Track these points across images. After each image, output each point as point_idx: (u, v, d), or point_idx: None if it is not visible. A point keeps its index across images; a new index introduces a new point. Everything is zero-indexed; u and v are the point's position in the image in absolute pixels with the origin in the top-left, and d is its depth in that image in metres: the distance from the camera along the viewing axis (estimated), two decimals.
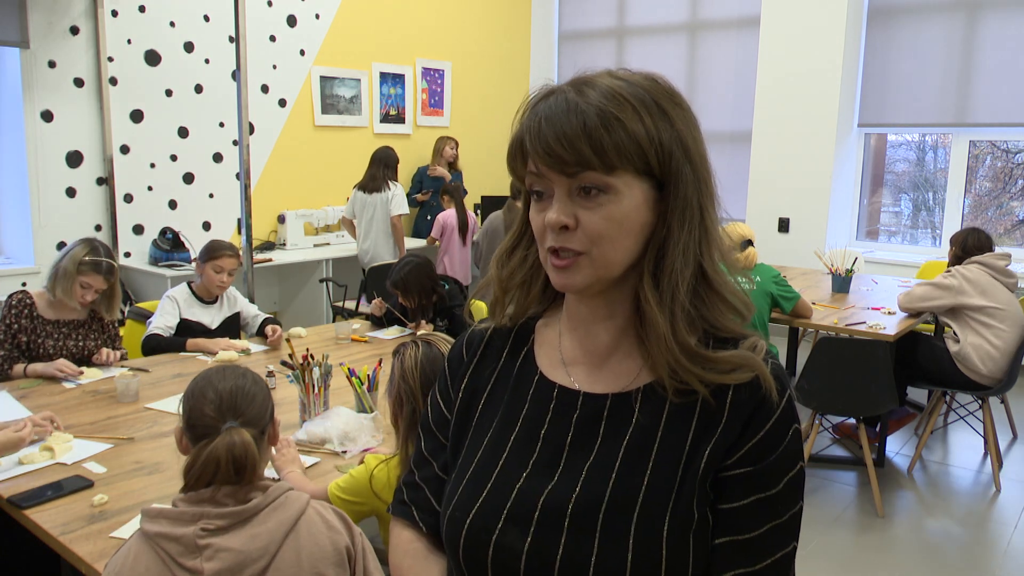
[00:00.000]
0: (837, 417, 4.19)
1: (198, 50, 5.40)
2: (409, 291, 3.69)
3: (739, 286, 0.93)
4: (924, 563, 3.14)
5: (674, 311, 0.87)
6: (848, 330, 3.79)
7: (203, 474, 1.44)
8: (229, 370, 1.58)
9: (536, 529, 0.89)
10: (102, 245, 3.10)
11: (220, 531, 1.42)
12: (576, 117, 0.83)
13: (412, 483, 1.06)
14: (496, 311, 1.03)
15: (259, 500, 1.46)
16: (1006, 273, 3.83)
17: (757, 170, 6.45)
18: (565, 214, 0.86)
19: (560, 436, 0.94)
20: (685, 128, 0.88)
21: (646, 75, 0.89)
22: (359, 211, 5.58)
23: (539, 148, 0.85)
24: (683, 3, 6.83)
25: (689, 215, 0.87)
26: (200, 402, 1.50)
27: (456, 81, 7.14)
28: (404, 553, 1.03)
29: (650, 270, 0.88)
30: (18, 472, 2.14)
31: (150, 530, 1.42)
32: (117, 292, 3.16)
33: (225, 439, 1.44)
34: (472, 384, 1.03)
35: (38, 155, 4.75)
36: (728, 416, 0.88)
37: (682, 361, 0.87)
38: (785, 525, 0.90)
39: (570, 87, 0.87)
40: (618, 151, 0.83)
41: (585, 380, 0.95)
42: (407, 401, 1.86)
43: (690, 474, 0.87)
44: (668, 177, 0.87)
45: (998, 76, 5.56)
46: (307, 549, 1.49)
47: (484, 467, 0.96)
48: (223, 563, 1.40)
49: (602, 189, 0.85)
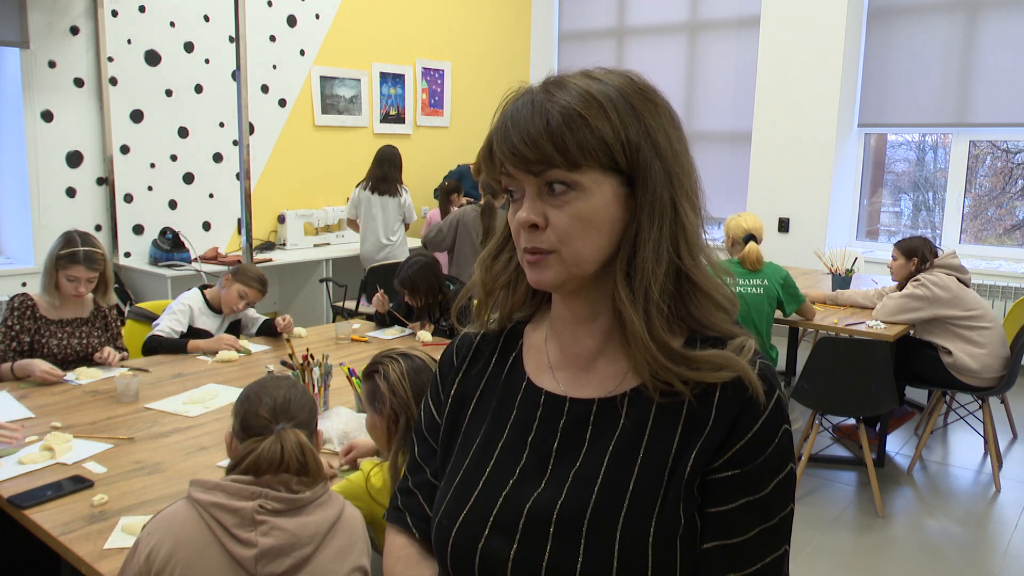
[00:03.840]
0: (837, 417, 4.19)
1: (198, 50, 5.40)
2: (417, 290, 3.69)
3: (727, 287, 0.92)
4: (924, 563, 3.14)
5: (648, 309, 0.86)
6: (848, 330, 3.79)
7: (260, 462, 1.53)
8: (282, 380, 1.71)
9: (521, 537, 0.89)
10: (80, 235, 3.05)
11: (276, 513, 1.50)
12: (540, 117, 0.83)
13: (406, 489, 1.06)
14: (481, 314, 1.03)
15: (310, 494, 1.55)
16: (962, 270, 3.85)
17: (757, 170, 6.45)
18: (534, 213, 0.86)
19: (547, 442, 0.93)
20: (655, 123, 0.87)
21: (620, 73, 0.89)
22: (364, 211, 5.48)
23: (505, 149, 0.86)
24: (683, 3, 6.83)
25: (660, 211, 0.86)
26: (255, 406, 1.62)
27: (456, 81, 7.14)
28: (397, 559, 1.03)
29: (623, 268, 0.88)
30: (18, 472, 2.14)
31: (204, 499, 1.49)
32: (109, 277, 3.13)
33: (288, 437, 1.55)
34: (461, 389, 1.03)
35: (38, 155, 4.76)
36: (715, 418, 0.87)
37: (660, 360, 0.86)
38: (775, 528, 0.88)
39: (540, 88, 0.87)
40: (581, 148, 0.83)
41: (571, 385, 0.95)
42: (401, 413, 1.87)
43: (676, 478, 0.86)
44: (636, 172, 0.86)
45: (998, 76, 5.56)
46: (348, 544, 1.59)
47: (471, 474, 0.95)
48: (276, 540, 1.48)
49: (569, 186, 0.85)
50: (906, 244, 3.99)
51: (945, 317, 3.75)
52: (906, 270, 3.96)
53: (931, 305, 3.75)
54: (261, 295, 3.51)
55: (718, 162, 6.69)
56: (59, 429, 2.44)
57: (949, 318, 3.75)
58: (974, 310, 3.75)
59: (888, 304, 3.85)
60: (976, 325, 3.74)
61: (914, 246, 3.96)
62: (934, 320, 3.79)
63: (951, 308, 3.73)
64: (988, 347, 3.73)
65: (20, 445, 2.31)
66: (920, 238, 4.01)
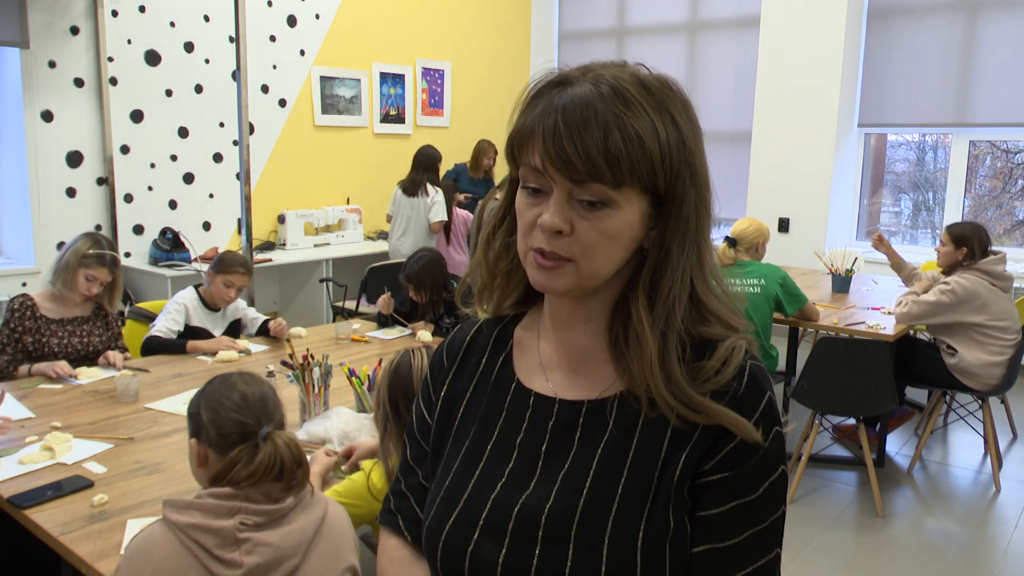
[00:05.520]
0: (837, 417, 4.18)
1: (198, 50, 5.40)
2: (422, 285, 3.69)
3: (729, 298, 0.91)
4: (924, 563, 3.14)
5: (667, 335, 0.86)
6: (848, 330, 3.78)
7: (256, 472, 1.44)
8: (245, 376, 1.57)
9: (510, 540, 0.88)
10: (104, 239, 3.17)
11: (258, 527, 1.43)
12: (598, 130, 0.80)
13: (398, 491, 1.06)
14: (484, 295, 1.01)
15: (292, 500, 1.48)
16: (1003, 278, 3.70)
17: (757, 170, 6.45)
18: (562, 219, 0.83)
19: (536, 444, 0.93)
20: (695, 146, 0.86)
21: (662, 79, 0.86)
22: (396, 209, 5.70)
23: (552, 151, 0.81)
24: (683, 3, 6.83)
25: (691, 239, 0.86)
26: (228, 410, 1.49)
27: (456, 81, 7.14)
28: (391, 560, 1.03)
29: (644, 291, 0.87)
30: (18, 472, 2.14)
31: (180, 520, 1.41)
32: (119, 283, 3.22)
33: (279, 440, 1.47)
34: (451, 391, 1.02)
35: (38, 155, 4.75)
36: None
37: (661, 389, 0.85)
38: (767, 531, 0.87)
39: (591, 86, 0.82)
40: (632, 170, 0.81)
41: (562, 385, 0.94)
42: (389, 411, 1.88)
43: (665, 481, 0.86)
44: (672, 198, 0.85)
45: (998, 76, 5.55)
46: (335, 545, 1.53)
47: (461, 477, 0.95)
48: (262, 557, 1.42)
49: (605, 202, 0.83)
50: (958, 230, 3.74)
51: (967, 323, 3.66)
52: (952, 258, 3.73)
53: (953, 310, 3.64)
54: (247, 277, 3.48)
55: (718, 162, 6.68)
56: (59, 429, 2.44)
57: (971, 324, 3.65)
58: (1002, 320, 3.64)
59: (913, 310, 3.69)
60: (999, 336, 3.64)
61: (966, 235, 3.70)
62: (955, 323, 3.70)
63: (976, 315, 3.63)
64: (1002, 356, 3.67)
65: (19, 444, 2.32)
66: (974, 225, 3.74)
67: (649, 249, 0.88)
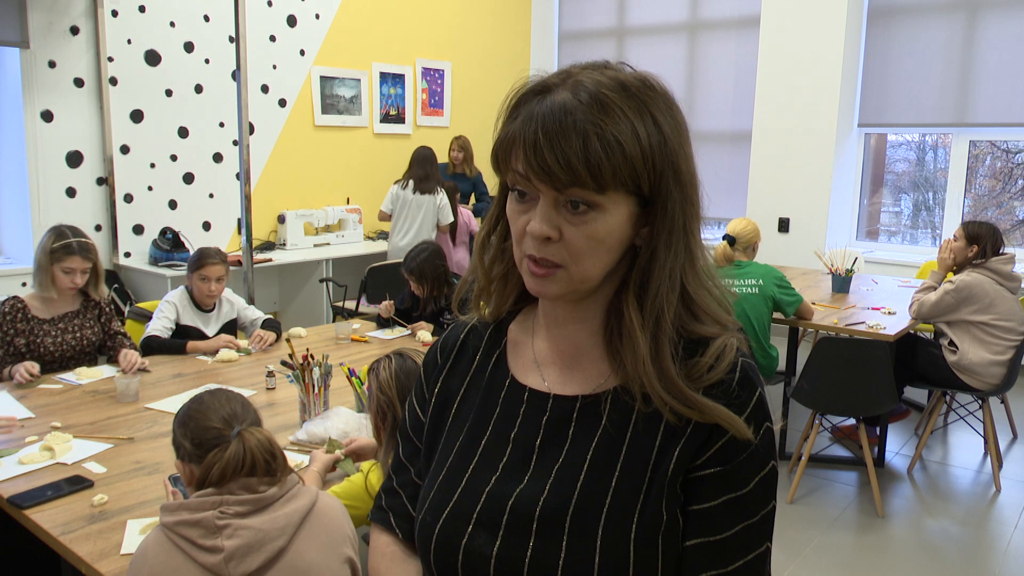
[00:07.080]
0: (837, 417, 4.19)
1: (198, 50, 5.39)
2: (424, 277, 3.70)
3: (723, 295, 0.92)
4: (924, 563, 3.14)
5: (658, 336, 0.87)
6: (848, 330, 3.79)
7: (227, 469, 1.50)
8: (218, 392, 1.66)
9: (504, 533, 0.89)
10: (69, 228, 3.10)
11: (239, 515, 1.49)
12: (577, 138, 0.81)
13: (390, 489, 1.06)
14: (482, 300, 1.02)
15: (276, 491, 1.53)
16: (1011, 278, 3.74)
17: (757, 170, 6.45)
18: (549, 225, 0.84)
19: (530, 438, 0.94)
20: (678, 145, 0.86)
21: (643, 79, 0.86)
22: (400, 208, 5.54)
23: (533, 162, 0.82)
24: (683, 3, 6.83)
25: (676, 237, 0.87)
26: (202, 421, 1.58)
27: (456, 81, 7.14)
28: (382, 556, 1.04)
29: (634, 291, 0.88)
30: (18, 472, 2.14)
31: (170, 521, 1.48)
32: (100, 269, 3.17)
33: (250, 436, 1.53)
34: (445, 388, 1.03)
35: (38, 155, 4.75)
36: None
37: (656, 386, 0.86)
38: (757, 525, 0.89)
39: (570, 93, 0.83)
40: (614, 175, 0.82)
41: (556, 381, 0.95)
42: (388, 411, 1.90)
43: (659, 475, 0.87)
44: (656, 198, 0.86)
45: (998, 76, 5.56)
46: (328, 533, 1.57)
47: (455, 471, 0.96)
48: (243, 539, 1.47)
49: (590, 206, 0.83)
50: (973, 228, 3.82)
51: (971, 319, 3.70)
52: (963, 255, 3.81)
53: (958, 307, 3.70)
54: (221, 267, 3.45)
55: (718, 162, 6.68)
56: (59, 429, 2.44)
57: (975, 320, 3.69)
58: (1007, 320, 3.68)
59: (923, 310, 3.78)
60: (1003, 335, 3.68)
61: (980, 234, 3.78)
62: (960, 320, 3.74)
63: (981, 314, 3.67)
64: (1004, 355, 3.69)
65: (19, 444, 2.32)
66: (989, 226, 3.81)
67: (641, 247, 0.89)
